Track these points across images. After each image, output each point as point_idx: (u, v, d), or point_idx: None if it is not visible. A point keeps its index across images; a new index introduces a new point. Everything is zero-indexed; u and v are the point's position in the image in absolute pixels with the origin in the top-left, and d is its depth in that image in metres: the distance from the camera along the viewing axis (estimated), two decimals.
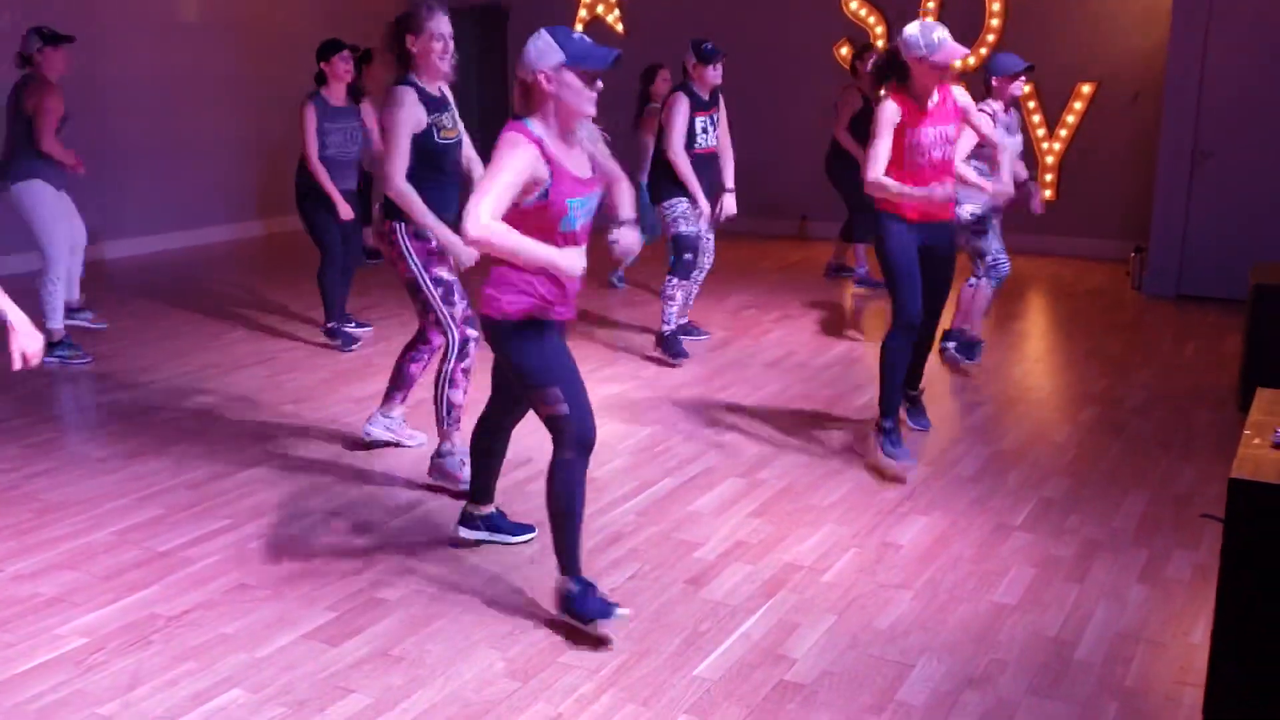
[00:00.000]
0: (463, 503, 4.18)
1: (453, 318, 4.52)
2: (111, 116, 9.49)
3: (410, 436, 5.08)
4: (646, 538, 4.16)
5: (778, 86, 10.60)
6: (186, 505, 4.42)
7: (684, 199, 6.40)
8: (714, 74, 6.40)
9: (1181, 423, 5.50)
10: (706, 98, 6.43)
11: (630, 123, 8.53)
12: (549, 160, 3.26)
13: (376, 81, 6.88)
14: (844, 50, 10.14)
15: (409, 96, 4.33)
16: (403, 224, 4.43)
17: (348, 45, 6.81)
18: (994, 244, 6.21)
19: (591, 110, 3.31)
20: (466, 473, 4.44)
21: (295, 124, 6.73)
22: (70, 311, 7.00)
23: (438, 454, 4.60)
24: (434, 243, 4.44)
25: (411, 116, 4.33)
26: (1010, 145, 5.81)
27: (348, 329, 6.95)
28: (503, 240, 3.17)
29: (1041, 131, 9.80)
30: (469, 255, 4.38)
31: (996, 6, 9.88)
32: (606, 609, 3.41)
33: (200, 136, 10.39)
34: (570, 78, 3.24)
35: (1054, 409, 5.85)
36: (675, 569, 3.90)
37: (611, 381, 6.12)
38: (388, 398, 5.00)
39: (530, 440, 5.12)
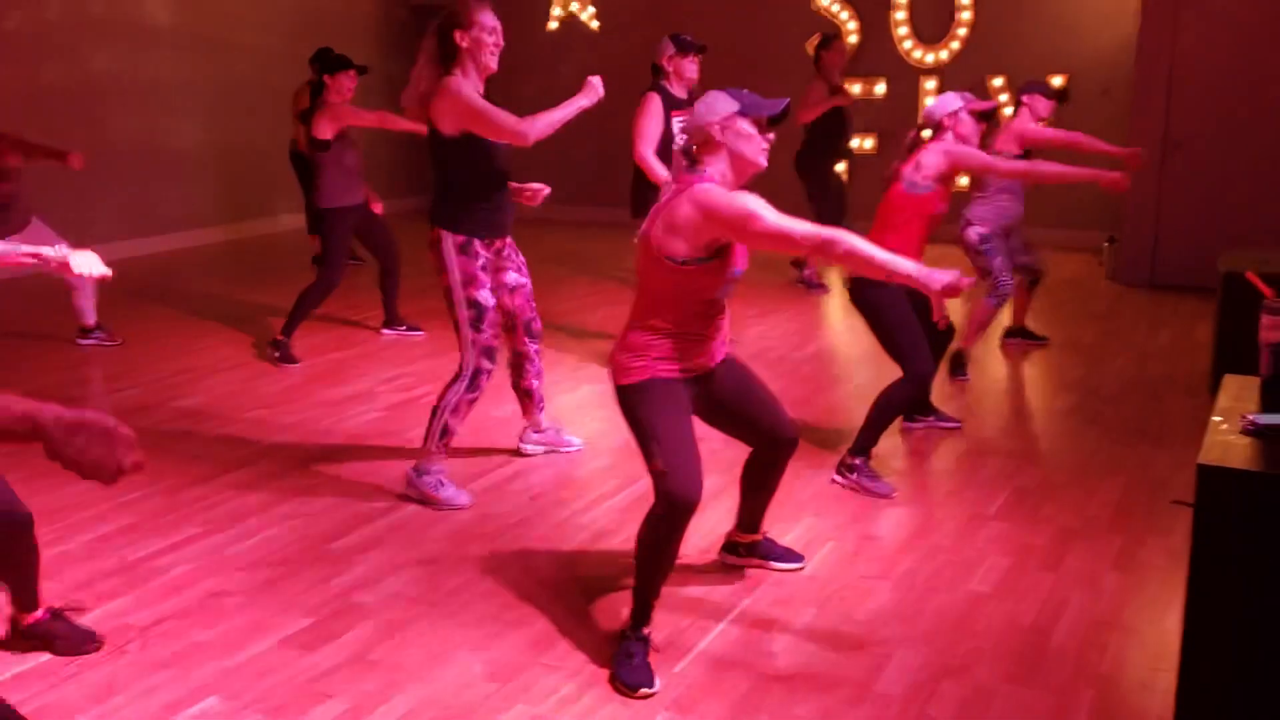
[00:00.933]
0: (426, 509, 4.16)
1: (474, 344, 4.34)
2: (77, 123, 9.40)
3: (568, 444, 5.03)
4: (628, 535, 4.13)
5: (750, 84, 10.58)
6: (160, 512, 4.39)
7: None
8: (692, 68, 6.14)
9: (1155, 410, 5.54)
10: (684, 96, 6.17)
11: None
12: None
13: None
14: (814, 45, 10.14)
15: (471, 88, 4.19)
16: (449, 234, 4.30)
17: (355, 65, 6.59)
18: (997, 262, 6.13)
19: (764, 161, 3.21)
20: (444, 493, 4.42)
21: (261, 129, 6.63)
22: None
23: (417, 470, 4.49)
24: (480, 259, 4.32)
25: (476, 89, 4.19)
26: None
27: (399, 329, 7.13)
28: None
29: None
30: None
31: (967, 0, 9.92)
32: (643, 680, 3.15)
33: (166, 142, 10.31)
34: (743, 125, 3.16)
35: (1029, 398, 5.88)
36: None
37: (595, 380, 6.11)
38: (527, 414, 4.97)
39: (507, 446, 5.13)
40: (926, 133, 4.78)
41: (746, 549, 3.86)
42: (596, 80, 4.24)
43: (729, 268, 3.20)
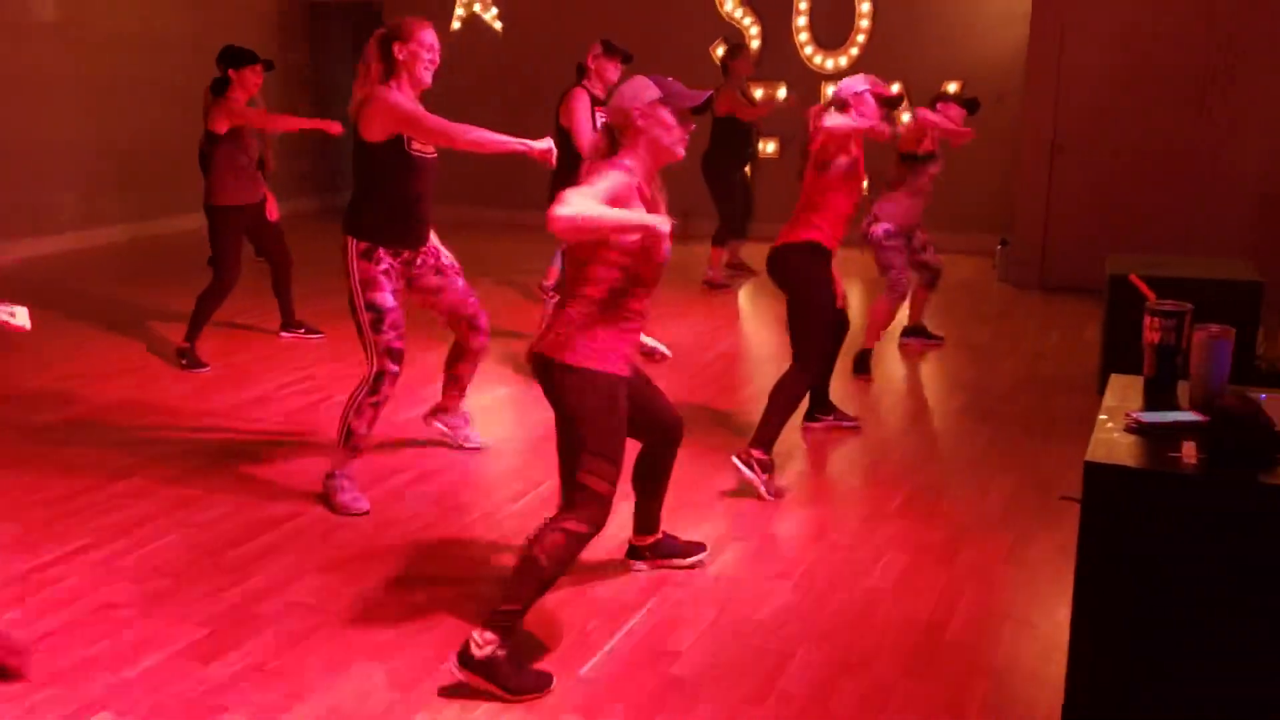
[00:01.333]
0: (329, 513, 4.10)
1: (374, 346, 4.34)
2: None
3: (471, 440, 5.06)
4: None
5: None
6: (47, 522, 4.25)
7: None
8: (614, 72, 6.29)
9: (1045, 408, 5.70)
10: (602, 96, 6.32)
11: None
12: (644, 201, 3.19)
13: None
14: (719, 51, 10.22)
15: (399, 95, 4.22)
16: (354, 240, 4.31)
17: (261, 59, 6.48)
18: (899, 260, 6.32)
19: (682, 151, 3.25)
20: (342, 498, 4.39)
21: (157, 125, 6.48)
22: None
23: (329, 473, 4.47)
24: (383, 265, 4.31)
25: (407, 96, 4.24)
26: None
27: (297, 332, 7.04)
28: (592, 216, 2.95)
29: None
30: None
31: (865, 7, 10.10)
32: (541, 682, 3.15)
33: (57, 138, 10.00)
34: (665, 115, 3.18)
35: (925, 398, 6.01)
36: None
37: (500, 382, 6.08)
38: (446, 396, 5.04)
39: (412, 450, 5.08)
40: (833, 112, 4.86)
41: (651, 550, 3.88)
42: (550, 144, 4.26)
43: (656, 250, 3.17)
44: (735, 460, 4.60)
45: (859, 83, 4.86)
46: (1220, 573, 2.42)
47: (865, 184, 5.00)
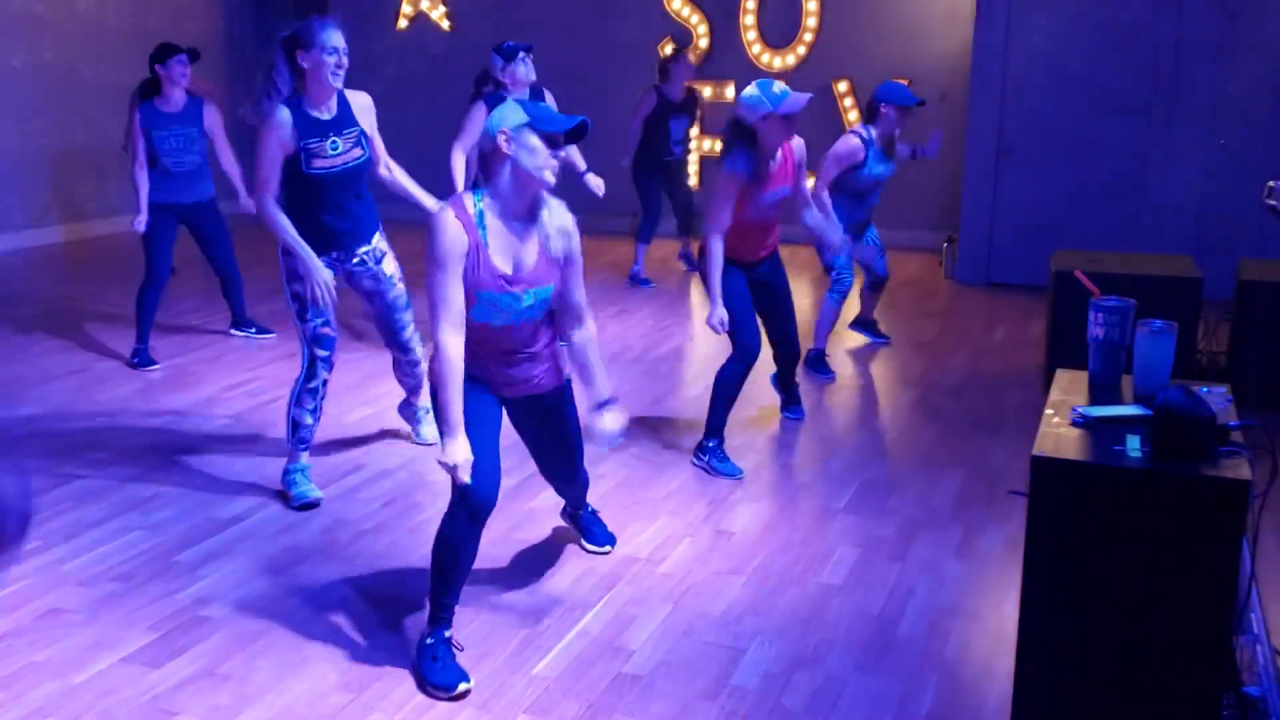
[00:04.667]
0: (286, 511, 4.06)
1: (302, 334, 4.39)
2: None
3: (422, 440, 5.10)
4: (485, 537, 4.09)
5: (604, 85, 10.65)
6: None
7: None
8: (525, 72, 6.08)
9: (992, 403, 5.78)
10: (527, 98, 6.26)
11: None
12: (474, 243, 3.12)
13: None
14: (667, 49, 10.25)
15: (279, 118, 4.14)
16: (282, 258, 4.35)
17: (185, 49, 6.37)
18: (841, 259, 6.26)
19: (550, 180, 3.15)
20: (294, 491, 4.41)
21: (105, 123, 6.39)
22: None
23: (285, 470, 4.53)
24: (359, 262, 4.44)
25: (279, 139, 4.15)
26: (883, 172, 6.20)
27: (247, 331, 6.99)
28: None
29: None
30: (327, 280, 4.27)
31: (813, 5, 10.17)
32: (456, 679, 3.14)
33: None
34: (532, 139, 3.09)
35: (874, 394, 6.07)
36: (514, 568, 3.90)
37: None
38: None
39: (361, 449, 5.05)
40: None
41: (570, 515, 4.12)
42: (325, 292, 4.28)
43: (467, 291, 3.17)
44: (693, 460, 4.89)
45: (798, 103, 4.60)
46: (1165, 564, 2.47)
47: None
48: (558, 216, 3.26)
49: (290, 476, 4.46)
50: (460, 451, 3.11)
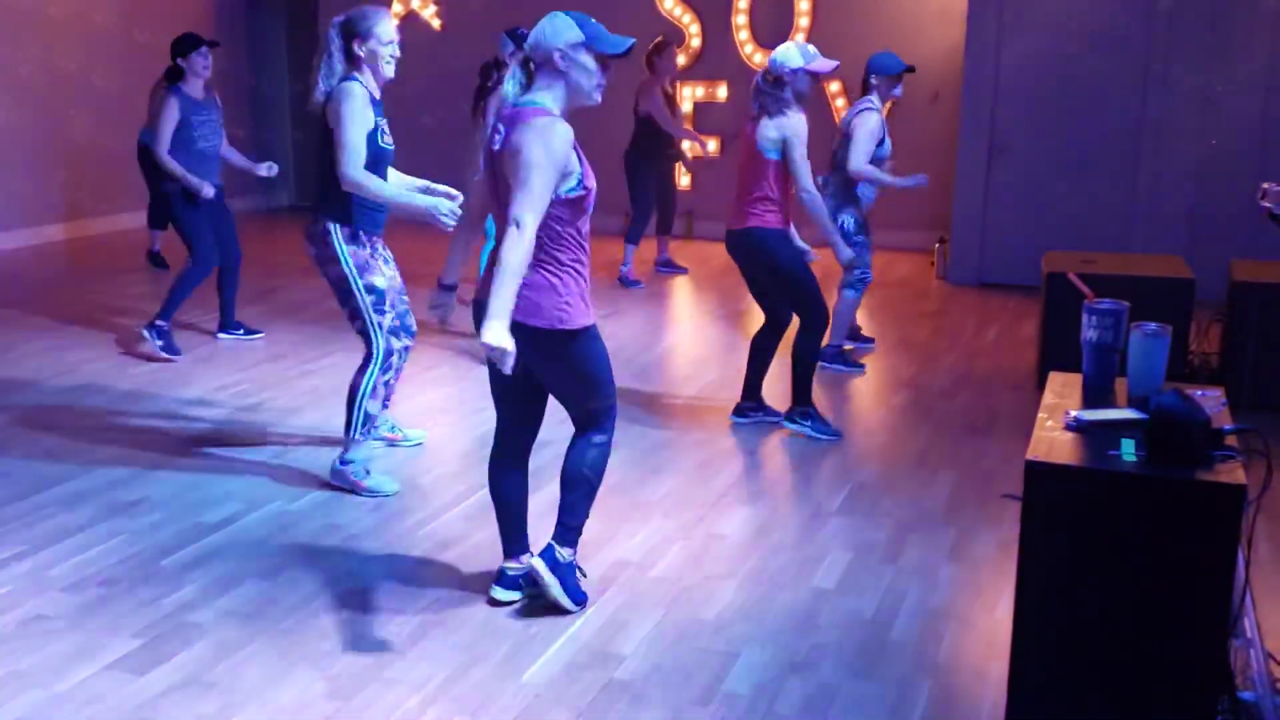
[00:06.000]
0: (274, 516, 4.02)
1: (380, 326, 4.42)
2: None
3: (405, 439, 5.08)
4: (476, 543, 4.10)
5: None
6: None
7: None
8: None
9: (985, 405, 5.76)
10: None
11: (469, 116, 8.42)
12: (575, 147, 3.18)
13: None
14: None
15: (360, 90, 4.25)
16: (339, 225, 4.34)
17: (207, 41, 6.49)
18: (867, 255, 6.27)
19: (599, 97, 3.24)
20: (371, 481, 4.49)
21: (104, 122, 6.37)
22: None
23: (342, 461, 4.51)
24: (369, 248, 4.40)
25: (363, 113, 4.23)
26: (889, 148, 6.24)
27: (235, 334, 6.89)
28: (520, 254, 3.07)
29: None
30: (449, 209, 4.13)
31: (805, 5, 10.15)
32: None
33: None
34: (586, 59, 3.17)
35: (866, 395, 6.04)
36: None
37: (440, 383, 6.02)
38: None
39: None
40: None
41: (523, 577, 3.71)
42: (450, 211, 4.15)
43: (588, 197, 3.26)
44: (786, 424, 5.24)
45: (794, 56, 5.00)
46: (1160, 569, 2.45)
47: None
48: None
49: (361, 466, 4.50)
50: (509, 338, 3.04)
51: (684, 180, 10.61)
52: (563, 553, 3.52)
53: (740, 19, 10.37)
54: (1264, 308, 5.56)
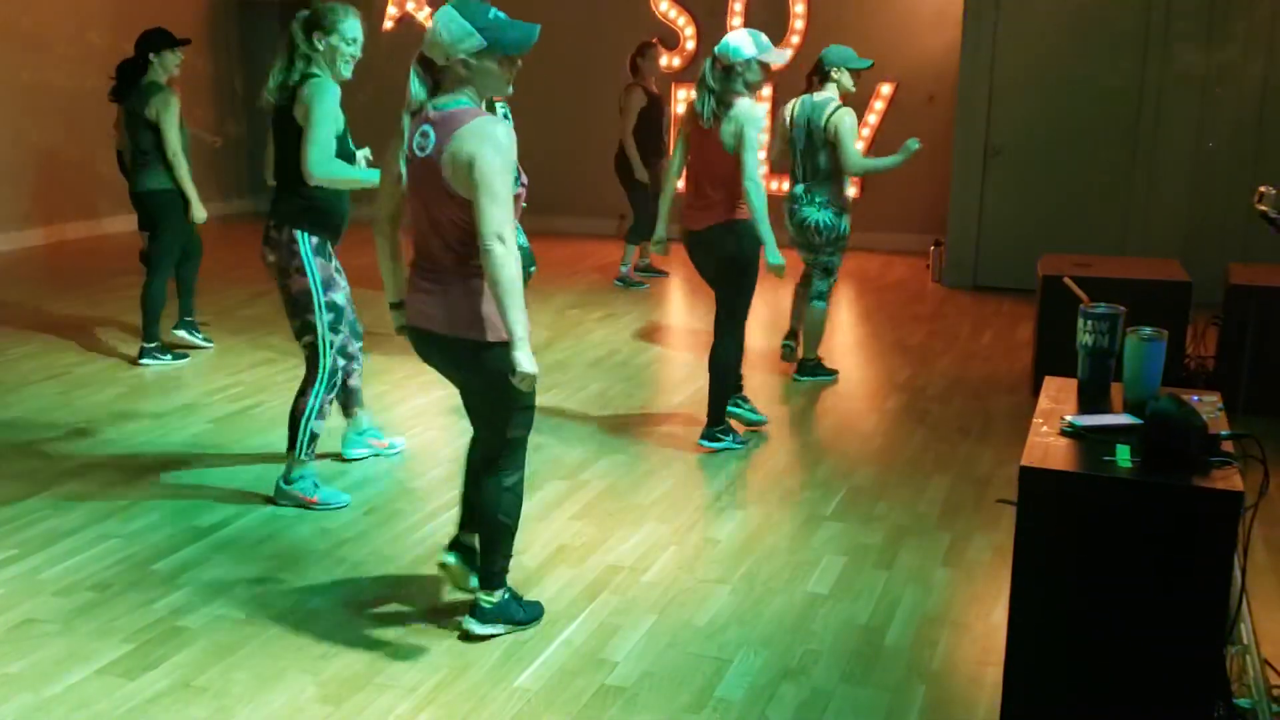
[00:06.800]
0: (266, 520, 3.99)
1: (331, 345, 4.30)
2: None
3: (390, 446, 5.00)
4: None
5: (592, 87, 10.61)
6: None
7: None
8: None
9: (980, 408, 5.75)
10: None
11: None
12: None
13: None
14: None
15: (334, 88, 4.13)
16: (307, 235, 4.21)
17: (179, 40, 6.36)
18: (838, 260, 6.07)
19: (511, 90, 3.20)
20: (323, 494, 4.39)
21: (77, 131, 6.27)
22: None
23: (287, 479, 4.38)
24: (335, 262, 4.30)
25: (335, 111, 4.13)
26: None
27: (182, 337, 6.73)
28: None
29: None
30: None
31: (800, 8, 10.14)
32: (540, 607, 3.54)
33: None
34: (489, 64, 3.09)
35: (861, 399, 6.02)
36: None
37: (431, 387, 6.00)
38: (349, 413, 4.89)
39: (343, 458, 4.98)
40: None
41: (467, 553, 3.59)
42: None
43: (522, 194, 3.16)
44: (705, 444, 5.05)
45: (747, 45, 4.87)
46: (1156, 575, 2.44)
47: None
48: None
49: (310, 481, 4.39)
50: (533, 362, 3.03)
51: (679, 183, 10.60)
52: (489, 599, 3.39)
53: (736, 20, 10.36)
54: (1261, 311, 5.55)
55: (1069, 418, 2.75)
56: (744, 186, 4.76)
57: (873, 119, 10.05)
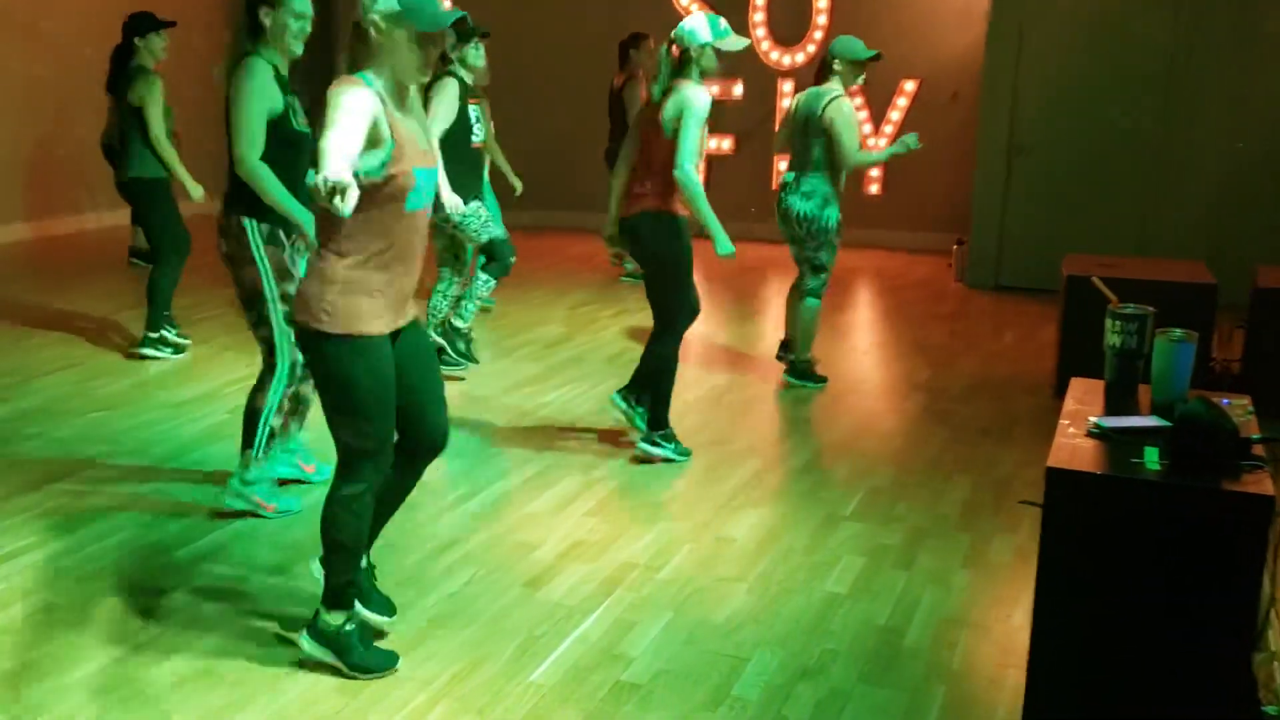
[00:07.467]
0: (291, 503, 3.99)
1: (290, 337, 4.03)
2: None
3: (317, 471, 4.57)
4: (482, 541, 4.07)
5: (608, 80, 10.58)
6: None
7: (479, 199, 6.02)
8: (475, 56, 5.95)
9: (1001, 409, 5.70)
10: (473, 83, 6.01)
11: None
12: (390, 120, 2.84)
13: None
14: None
15: (261, 66, 3.91)
16: (255, 222, 3.99)
17: (164, 22, 6.25)
18: (834, 259, 5.87)
19: (424, 76, 2.94)
20: (279, 502, 4.24)
21: (71, 117, 6.08)
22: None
23: (244, 481, 4.20)
24: (286, 252, 4.05)
25: (266, 92, 3.90)
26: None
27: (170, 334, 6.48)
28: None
29: (868, 128, 10.05)
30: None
31: (823, 4, 10.09)
32: (388, 659, 3.19)
33: None
34: (400, 35, 2.84)
35: (881, 399, 5.99)
36: (512, 572, 3.83)
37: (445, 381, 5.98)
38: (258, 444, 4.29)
39: None
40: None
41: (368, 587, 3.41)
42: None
43: (399, 179, 2.87)
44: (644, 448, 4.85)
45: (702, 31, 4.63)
46: (1183, 579, 2.41)
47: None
48: (417, 102, 3.02)
49: (264, 488, 4.21)
50: (347, 168, 2.59)
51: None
52: (329, 619, 3.12)
53: (758, 16, 10.32)
54: None
55: (1096, 419, 2.72)
56: (674, 175, 4.56)
57: (895, 115, 9.99)
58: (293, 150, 4.01)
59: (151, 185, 6.26)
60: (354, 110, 2.72)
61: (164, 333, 6.42)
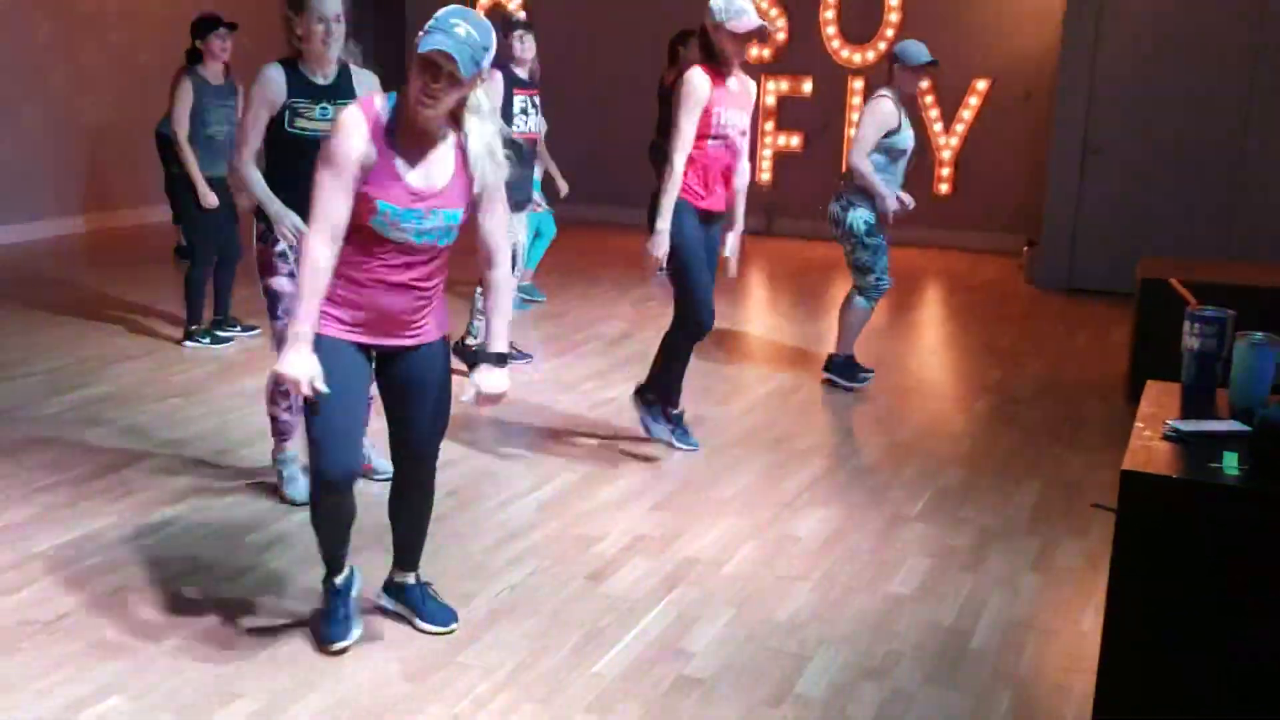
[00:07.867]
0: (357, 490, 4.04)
1: (271, 329, 4.24)
2: None
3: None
4: (546, 533, 4.10)
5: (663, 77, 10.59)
6: (66, 502, 4.23)
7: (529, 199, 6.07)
8: (520, 49, 5.94)
9: (1071, 413, 5.62)
10: (524, 76, 6.01)
11: None
12: (378, 144, 2.88)
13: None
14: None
15: (269, 74, 4.01)
16: (256, 221, 4.16)
17: (225, 22, 6.36)
18: (882, 260, 5.76)
19: (421, 109, 2.84)
20: (295, 488, 4.26)
21: (132, 108, 6.22)
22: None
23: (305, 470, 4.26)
24: (278, 246, 4.10)
25: (265, 97, 4.01)
26: (912, 139, 5.69)
27: (225, 332, 6.58)
28: None
29: (939, 126, 9.95)
30: (297, 224, 3.97)
31: (895, 1, 10.00)
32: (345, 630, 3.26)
33: (14, 122, 9.46)
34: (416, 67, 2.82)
35: (949, 400, 5.93)
36: (575, 564, 3.85)
37: (510, 375, 6.02)
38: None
39: None
40: None
41: (396, 592, 3.47)
42: (292, 228, 4.01)
43: (362, 200, 2.90)
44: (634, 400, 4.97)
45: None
46: (1260, 587, 2.35)
47: None
48: (482, 136, 2.97)
49: (294, 467, 4.30)
50: (306, 364, 2.84)
51: (764, 175, 10.54)
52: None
53: (829, 14, 10.26)
54: None
55: (1172, 422, 2.67)
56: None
57: (966, 114, 9.88)
58: (294, 152, 4.00)
59: (180, 184, 6.42)
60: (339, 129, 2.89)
61: (215, 331, 6.53)
